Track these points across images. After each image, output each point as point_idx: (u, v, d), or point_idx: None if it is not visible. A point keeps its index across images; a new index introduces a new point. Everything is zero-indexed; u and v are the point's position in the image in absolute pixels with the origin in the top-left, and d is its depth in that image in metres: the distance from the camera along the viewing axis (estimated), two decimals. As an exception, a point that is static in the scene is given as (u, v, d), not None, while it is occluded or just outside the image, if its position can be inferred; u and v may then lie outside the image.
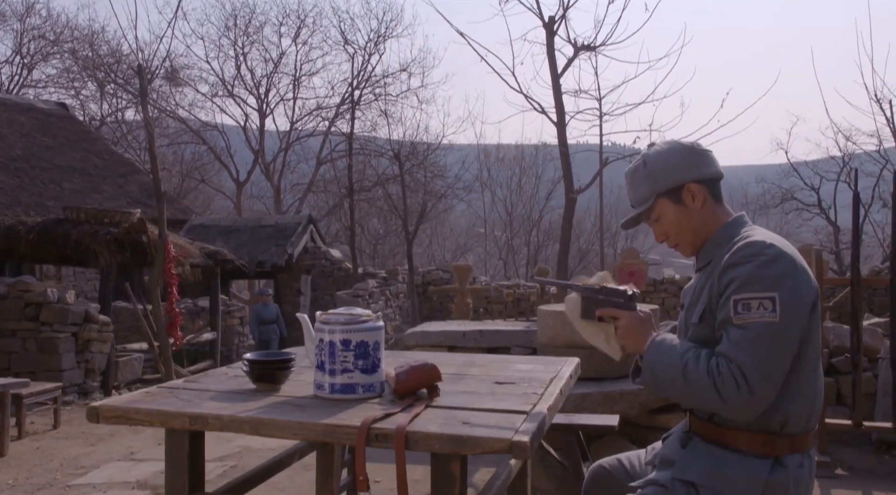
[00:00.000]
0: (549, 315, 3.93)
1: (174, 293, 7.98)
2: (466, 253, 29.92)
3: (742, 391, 1.61)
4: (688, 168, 1.85)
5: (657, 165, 1.87)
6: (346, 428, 1.66)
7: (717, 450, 1.77)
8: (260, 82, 22.82)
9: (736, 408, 1.64)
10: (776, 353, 1.63)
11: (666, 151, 1.88)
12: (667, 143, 1.91)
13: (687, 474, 1.77)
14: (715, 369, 1.65)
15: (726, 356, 1.64)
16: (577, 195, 6.75)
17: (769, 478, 1.69)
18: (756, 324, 1.62)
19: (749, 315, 1.63)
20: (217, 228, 14.84)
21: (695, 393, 1.68)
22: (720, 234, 1.85)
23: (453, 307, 12.28)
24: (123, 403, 1.87)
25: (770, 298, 1.63)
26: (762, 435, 1.72)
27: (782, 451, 1.72)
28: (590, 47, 6.43)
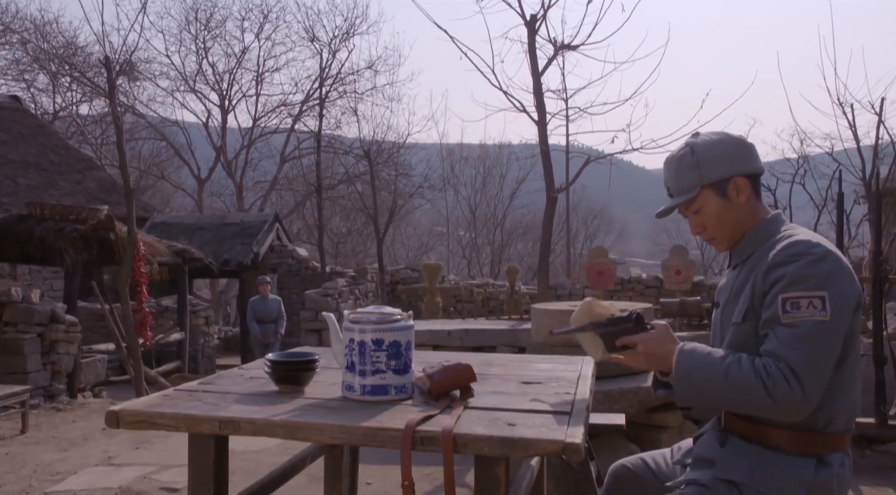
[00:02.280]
0: (543, 313, 3.92)
1: (144, 292, 7.76)
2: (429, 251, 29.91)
3: (794, 390, 1.58)
4: (737, 161, 1.82)
5: (706, 155, 1.83)
6: (389, 431, 1.60)
7: (758, 449, 1.75)
8: (222, 78, 22.43)
9: (787, 408, 1.61)
10: (826, 352, 1.62)
11: (716, 142, 1.84)
12: (716, 134, 1.87)
13: (729, 473, 1.75)
14: (763, 370, 1.62)
15: (775, 355, 1.62)
16: (558, 194, 6.76)
17: (815, 478, 1.68)
18: (807, 322, 1.61)
19: (798, 313, 1.61)
20: (180, 226, 14.53)
21: (741, 397, 1.64)
22: (758, 231, 1.83)
23: (423, 306, 12.22)
24: (145, 407, 1.78)
25: (820, 297, 1.61)
26: (805, 433, 1.71)
27: (826, 450, 1.71)
28: (570, 46, 6.45)
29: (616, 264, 12.59)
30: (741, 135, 1.87)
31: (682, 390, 1.73)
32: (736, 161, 1.83)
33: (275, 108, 22.75)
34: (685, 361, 1.72)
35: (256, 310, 9.71)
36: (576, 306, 4.05)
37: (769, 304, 1.67)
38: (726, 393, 1.66)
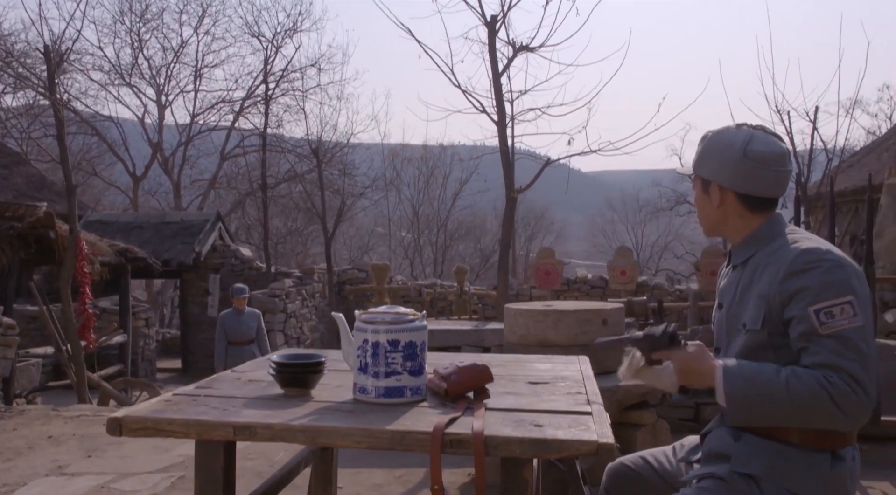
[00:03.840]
0: (517, 313, 3.92)
1: (87, 293, 7.44)
2: (370, 252, 29.71)
3: (860, 397, 1.59)
4: (729, 171, 1.83)
5: (705, 150, 1.89)
6: (417, 435, 1.56)
7: (772, 444, 1.76)
8: (159, 72, 21.72)
9: (856, 416, 1.61)
10: (871, 354, 1.63)
11: (724, 145, 1.84)
12: (739, 138, 1.83)
13: (747, 467, 1.75)
14: (826, 381, 1.60)
15: (832, 366, 1.61)
16: (518, 194, 6.80)
17: (831, 472, 1.71)
18: (848, 330, 1.62)
19: (835, 322, 1.62)
20: (116, 225, 14.00)
21: (806, 412, 1.63)
22: (759, 233, 1.84)
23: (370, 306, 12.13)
24: (150, 413, 1.69)
25: (849, 302, 1.63)
26: (819, 431, 1.72)
27: (838, 445, 1.74)
28: (529, 48, 6.49)
29: (563, 265, 12.76)
30: (772, 156, 1.80)
31: (739, 411, 1.69)
32: (725, 173, 1.84)
33: (214, 104, 22.18)
34: (739, 380, 1.68)
35: (228, 328, 7.58)
36: (549, 305, 4.07)
37: (800, 319, 1.66)
38: (789, 410, 1.64)
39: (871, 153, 13.59)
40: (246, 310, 7.79)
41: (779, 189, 1.85)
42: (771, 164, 1.80)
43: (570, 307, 3.84)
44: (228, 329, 7.61)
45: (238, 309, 7.76)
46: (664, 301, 10.67)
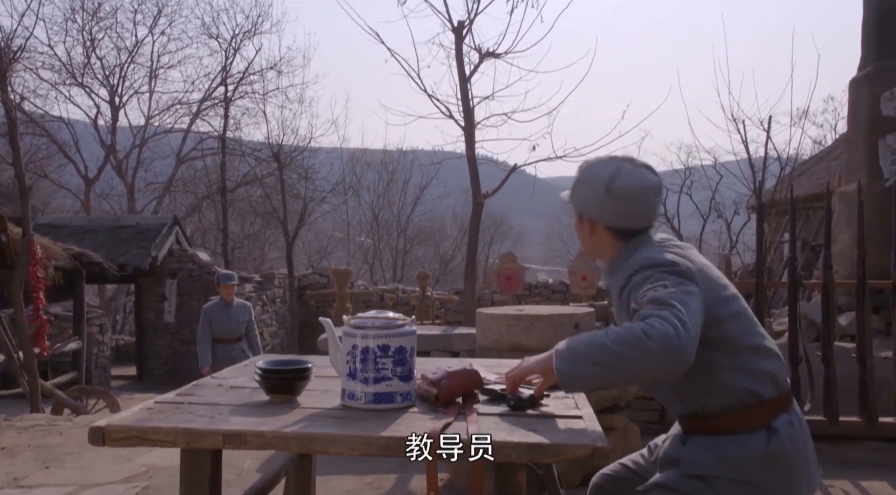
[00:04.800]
0: (490, 318, 3.92)
1: (41, 298, 7.21)
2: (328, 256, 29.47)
3: (673, 329, 1.57)
4: (594, 205, 1.90)
5: (577, 182, 1.95)
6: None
7: (713, 439, 1.80)
8: (113, 72, 21.20)
9: (664, 350, 1.56)
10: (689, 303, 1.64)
11: (591, 180, 1.90)
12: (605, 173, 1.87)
13: (694, 469, 1.79)
14: (642, 322, 1.61)
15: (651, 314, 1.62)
16: (485, 199, 6.82)
17: (767, 448, 1.74)
18: (660, 293, 1.65)
19: (641, 294, 1.67)
20: (68, 228, 13.60)
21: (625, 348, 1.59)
22: (620, 255, 1.90)
23: (332, 312, 12.02)
24: (134, 422, 1.64)
25: (663, 284, 1.68)
26: (747, 409, 1.77)
27: (768, 418, 1.77)
28: (495, 54, 6.53)
29: (524, 270, 12.83)
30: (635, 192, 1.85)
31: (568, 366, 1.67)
32: (591, 206, 1.90)
33: (170, 106, 21.75)
34: (565, 343, 1.72)
35: (214, 322, 6.51)
36: (521, 310, 4.08)
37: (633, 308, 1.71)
38: (611, 353, 1.61)
39: (821, 161, 14.01)
40: (235, 302, 6.65)
41: (644, 221, 1.90)
42: (635, 200, 1.85)
43: (544, 312, 3.87)
44: (215, 324, 6.53)
45: (226, 300, 6.60)
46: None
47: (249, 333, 6.73)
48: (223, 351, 6.51)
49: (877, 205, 6.33)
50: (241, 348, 6.58)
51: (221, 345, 6.54)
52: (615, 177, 1.84)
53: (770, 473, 1.73)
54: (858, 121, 7.12)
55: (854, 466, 4.44)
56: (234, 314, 6.59)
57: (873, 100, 6.82)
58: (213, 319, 6.53)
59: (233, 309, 6.61)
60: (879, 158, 6.82)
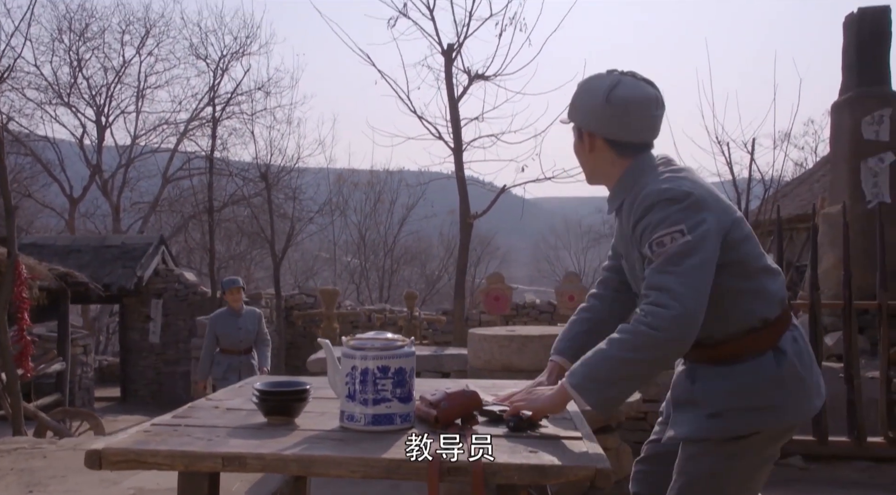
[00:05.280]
0: (482, 338, 3.93)
1: (25, 319, 7.12)
2: (314, 277, 29.36)
3: (671, 306, 1.63)
4: (593, 116, 1.86)
5: (576, 98, 1.91)
6: (413, 463, 1.54)
7: (723, 370, 1.80)
8: (99, 92, 21.15)
9: (670, 329, 1.64)
10: (696, 264, 1.67)
11: (590, 91, 1.86)
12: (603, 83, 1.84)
13: (712, 406, 1.78)
14: (639, 316, 1.68)
15: (651, 286, 1.69)
16: (475, 220, 6.85)
17: (778, 370, 1.75)
18: (671, 247, 1.69)
19: (664, 249, 1.70)
20: (53, 248, 13.49)
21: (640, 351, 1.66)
22: (623, 179, 1.88)
23: (319, 332, 11.96)
24: (131, 445, 1.63)
25: (679, 230, 1.69)
26: (753, 334, 1.78)
27: (775, 339, 1.78)
28: (484, 76, 6.59)
29: (512, 290, 12.86)
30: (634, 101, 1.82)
31: (593, 393, 1.72)
32: (590, 118, 1.87)
33: (157, 126, 21.70)
34: (577, 371, 1.75)
35: (221, 333, 6.08)
36: (513, 330, 4.09)
37: (646, 254, 1.75)
38: (628, 361, 1.68)
39: (803, 183, 14.21)
40: (244, 310, 6.21)
41: (645, 133, 1.87)
42: (634, 110, 1.82)
43: (535, 332, 3.88)
44: (221, 335, 6.07)
45: (233, 308, 6.13)
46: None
47: (260, 343, 6.27)
48: (230, 362, 6.09)
49: (859, 226, 6.43)
50: (249, 361, 6.14)
51: (228, 357, 6.11)
52: (615, 87, 1.82)
53: (784, 393, 1.75)
54: (841, 144, 7.24)
55: (843, 486, 4.46)
56: (241, 323, 6.14)
57: (855, 124, 6.95)
58: (220, 329, 6.13)
59: (241, 318, 6.16)
60: (861, 181, 6.93)
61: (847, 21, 7.26)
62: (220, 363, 6.10)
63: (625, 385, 1.72)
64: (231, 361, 6.09)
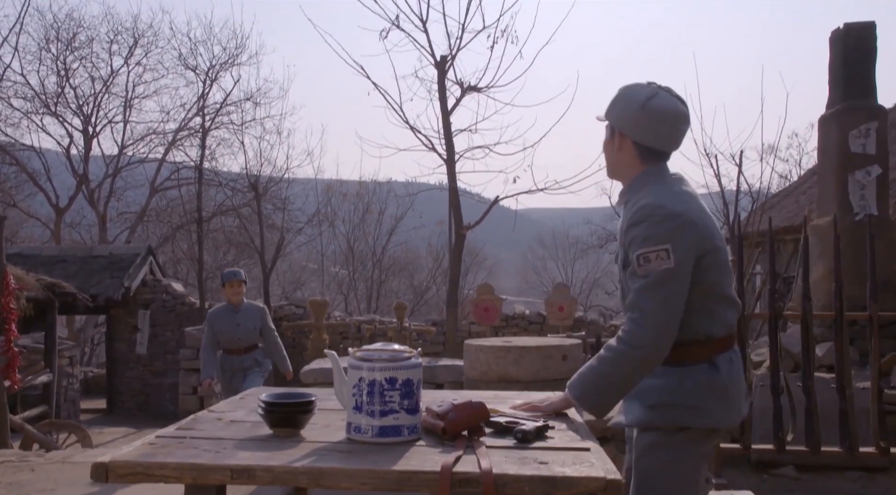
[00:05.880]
0: (479, 349, 3.93)
1: (13, 330, 7.04)
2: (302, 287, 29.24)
3: (645, 329, 1.91)
4: (629, 120, 2.05)
5: (615, 100, 2.10)
6: (423, 475, 1.54)
7: (664, 370, 2.01)
8: (87, 101, 21.02)
9: (643, 345, 1.91)
10: (672, 291, 1.92)
11: (629, 97, 2.06)
12: (643, 93, 2.03)
13: (649, 398, 2.00)
14: (621, 333, 1.96)
15: (634, 304, 1.95)
16: (468, 231, 6.86)
17: (708, 380, 1.98)
18: (655, 271, 1.91)
19: (649, 266, 1.92)
20: (39, 258, 13.34)
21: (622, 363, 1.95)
22: (634, 182, 2.09)
23: (308, 343, 11.90)
24: (138, 458, 1.61)
25: (665, 249, 1.91)
26: (696, 346, 2.00)
27: (713, 354, 2.00)
28: (476, 88, 6.62)
29: (501, 301, 12.87)
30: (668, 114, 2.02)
31: (591, 401, 2.02)
32: (626, 122, 2.06)
33: (145, 135, 21.57)
34: (575, 383, 2.04)
35: (219, 330, 5.69)
36: (509, 341, 4.10)
37: (630, 261, 1.97)
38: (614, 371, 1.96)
39: (790, 195, 14.34)
40: (244, 305, 5.77)
41: (669, 143, 2.07)
42: (665, 121, 2.03)
43: (532, 343, 3.88)
44: (219, 332, 5.67)
45: (232, 302, 5.72)
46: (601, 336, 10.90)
47: (267, 342, 5.83)
48: (230, 363, 5.72)
49: (847, 238, 6.48)
50: (252, 359, 5.73)
51: (229, 357, 5.74)
52: (652, 97, 2.02)
53: (708, 399, 1.97)
54: (828, 157, 7.32)
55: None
56: (241, 320, 5.70)
57: (842, 137, 7.03)
58: (217, 326, 5.71)
59: (240, 313, 5.73)
60: (849, 193, 7.00)
61: (833, 36, 7.35)
62: (223, 366, 5.74)
63: (613, 393, 2.01)
64: (232, 363, 5.74)
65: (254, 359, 5.73)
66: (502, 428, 1.88)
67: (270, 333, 5.85)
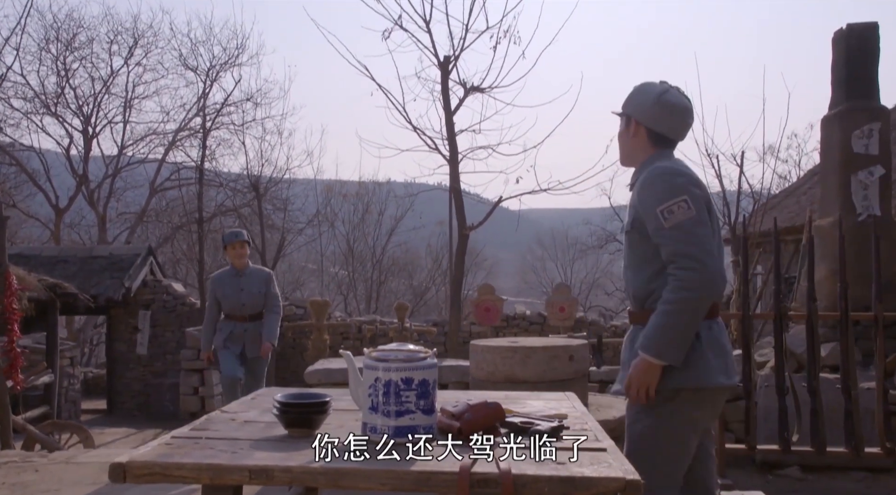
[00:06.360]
0: (485, 350, 3.93)
1: (15, 330, 7.03)
2: (301, 288, 29.22)
3: (701, 273, 2.06)
4: (643, 112, 2.32)
5: (633, 93, 2.38)
6: (442, 475, 1.54)
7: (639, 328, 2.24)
8: (87, 101, 21.00)
9: (702, 288, 2.07)
10: (703, 234, 2.12)
11: (645, 91, 2.33)
12: (657, 88, 2.31)
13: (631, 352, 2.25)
14: (675, 283, 2.09)
15: (677, 253, 2.10)
16: (471, 231, 6.86)
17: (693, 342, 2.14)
18: (685, 221, 2.10)
19: (674, 217, 2.11)
20: (39, 258, 13.32)
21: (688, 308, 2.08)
22: (644, 163, 2.33)
23: (309, 344, 11.89)
24: (156, 458, 1.61)
25: (684, 200, 2.13)
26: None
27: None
28: (480, 89, 6.62)
29: (502, 301, 12.87)
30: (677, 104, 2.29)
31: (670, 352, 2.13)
32: (641, 111, 2.32)
33: (144, 136, 21.55)
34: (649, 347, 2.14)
35: (220, 295, 5.38)
36: (515, 341, 4.09)
37: (653, 219, 2.16)
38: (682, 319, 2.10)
39: (790, 196, 14.35)
40: (249, 268, 5.42)
41: (677, 132, 2.33)
42: (676, 113, 2.30)
43: (538, 343, 3.88)
44: (221, 297, 5.33)
45: (236, 266, 5.36)
46: (602, 336, 10.90)
47: (267, 305, 5.42)
48: (232, 329, 5.36)
49: (850, 239, 6.48)
50: (256, 331, 5.38)
51: (231, 324, 5.37)
52: (665, 92, 2.30)
53: (688, 361, 2.14)
54: (831, 157, 7.33)
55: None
56: (245, 284, 5.31)
57: (844, 137, 7.04)
58: (221, 291, 5.37)
59: (244, 277, 5.34)
60: (852, 194, 7.01)
61: (836, 37, 7.36)
62: (221, 329, 5.40)
63: (686, 340, 2.13)
64: (234, 329, 5.36)
65: (258, 332, 5.40)
66: (517, 428, 1.88)
67: (272, 298, 5.50)
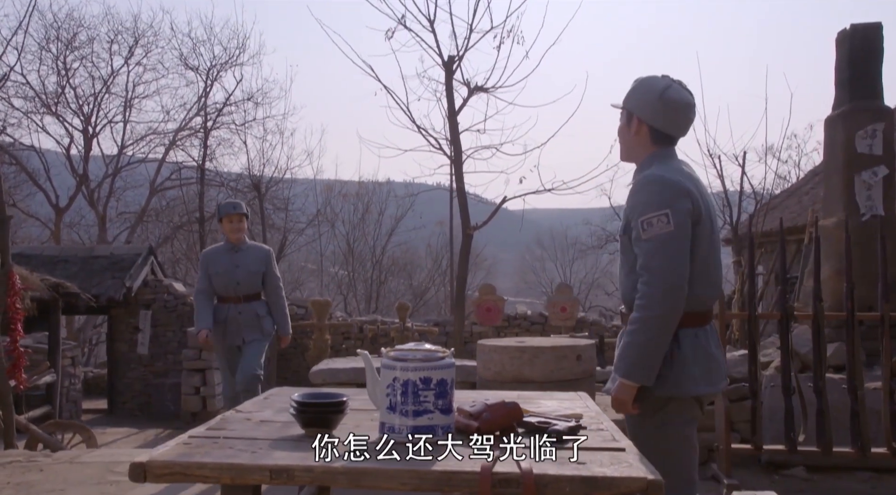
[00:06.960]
0: (492, 350, 3.92)
1: (19, 330, 7.02)
2: (300, 287, 29.20)
3: (656, 288, 2.05)
4: (644, 109, 2.25)
5: (634, 88, 2.30)
6: (464, 475, 1.54)
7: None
8: (87, 101, 20.98)
9: (661, 303, 2.05)
10: (677, 251, 2.08)
11: (647, 87, 2.26)
12: (660, 84, 2.24)
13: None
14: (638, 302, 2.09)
15: (644, 267, 2.09)
16: (474, 231, 6.86)
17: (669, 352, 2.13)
18: (661, 235, 2.08)
19: (652, 230, 2.09)
20: (40, 258, 13.29)
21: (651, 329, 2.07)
22: (644, 162, 2.28)
23: (311, 344, 11.89)
24: (177, 457, 1.61)
25: (665, 213, 2.08)
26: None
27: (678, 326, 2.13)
28: (484, 89, 6.62)
29: (504, 301, 12.87)
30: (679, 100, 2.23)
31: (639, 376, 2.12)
32: (643, 108, 2.25)
33: (144, 135, 21.52)
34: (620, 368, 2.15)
35: (213, 273, 4.84)
36: (523, 341, 4.09)
37: (635, 227, 2.15)
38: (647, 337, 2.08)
39: (792, 196, 14.35)
40: (246, 244, 4.90)
41: (678, 129, 2.27)
42: (678, 110, 2.24)
43: (546, 343, 3.88)
44: (215, 273, 4.80)
45: (231, 240, 4.85)
46: (604, 336, 10.90)
47: (269, 291, 4.93)
48: (226, 312, 4.83)
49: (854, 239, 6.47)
50: (253, 314, 4.85)
51: (224, 306, 4.85)
52: (667, 89, 2.23)
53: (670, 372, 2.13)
54: (834, 157, 7.32)
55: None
56: (240, 260, 4.79)
57: (848, 137, 7.03)
58: (213, 268, 4.83)
59: (240, 253, 4.82)
60: (856, 194, 7.01)
61: (839, 37, 7.36)
62: (216, 316, 4.88)
63: (653, 358, 2.11)
64: (228, 312, 4.83)
65: (254, 314, 4.89)
66: (534, 428, 1.87)
67: (274, 281, 5.01)
